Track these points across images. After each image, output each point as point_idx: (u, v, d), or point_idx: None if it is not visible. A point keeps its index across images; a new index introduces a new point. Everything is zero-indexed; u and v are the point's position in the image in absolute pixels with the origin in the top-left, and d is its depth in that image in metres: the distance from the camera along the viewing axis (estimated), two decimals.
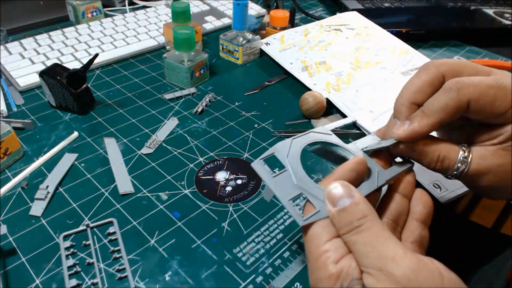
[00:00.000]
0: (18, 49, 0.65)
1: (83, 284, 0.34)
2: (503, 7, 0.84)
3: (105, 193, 0.43)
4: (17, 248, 0.37)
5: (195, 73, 0.60)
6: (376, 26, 0.73)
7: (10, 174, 0.45)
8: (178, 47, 0.58)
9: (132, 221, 0.40)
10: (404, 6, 0.84)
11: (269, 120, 0.55)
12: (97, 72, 0.64)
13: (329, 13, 0.88)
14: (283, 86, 0.63)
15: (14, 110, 0.55)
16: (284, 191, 0.29)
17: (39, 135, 0.50)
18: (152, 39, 0.71)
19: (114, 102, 0.57)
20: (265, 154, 0.31)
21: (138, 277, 0.35)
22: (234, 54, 0.67)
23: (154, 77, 0.63)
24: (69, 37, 0.69)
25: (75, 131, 0.50)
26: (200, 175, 0.45)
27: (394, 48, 0.68)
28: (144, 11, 0.80)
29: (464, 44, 0.76)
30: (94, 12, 0.77)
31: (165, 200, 0.42)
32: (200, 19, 0.80)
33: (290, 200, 0.29)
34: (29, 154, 0.47)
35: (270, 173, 0.30)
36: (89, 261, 0.36)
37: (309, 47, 0.68)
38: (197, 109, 0.56)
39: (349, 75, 0.61)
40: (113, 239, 0.38)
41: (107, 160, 0.47)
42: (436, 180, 0.44)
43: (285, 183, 0.30)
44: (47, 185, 0.43)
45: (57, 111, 0.55)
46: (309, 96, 0.53)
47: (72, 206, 0.41)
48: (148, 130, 0.52)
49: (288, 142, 0.32)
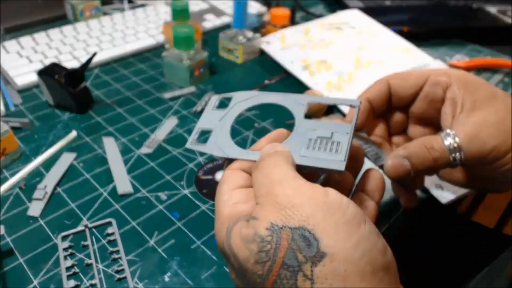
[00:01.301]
0: (16, 48, 0.65)
1: (81, 285, 0.34)
2: (505, 6, 0.83)
3: (103, 193, 0.42)
4: (14, 249, 0.36)
5: (194, 72, 0.60)
6: (378, 24, 0.72)
7: (7, 174, 0.44)
8: (178, 46, 0.57)
9: (131, 221, 0.39)
10: (406, 4, 0.84)
11: (269, 119, 0.54)
12: (95, 71, 0.64)
13: (330, 12, 0.87)
14: (284, 85, 0.62)
15: (12, 109, 0.54)
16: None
17: (37, 134, 0.50)
18: (151, 38, 0.71)
19: (112, 101, 0.57)
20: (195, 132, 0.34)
21: (137, 278, 0.35)
22: (234, 53, 0.67)
23: (153, 76, 0.63)
24: (67, 36, 0.69)
25: (73, 131, 0.50)
26: (200, 175, 0.45)
27: (396, 46, 0.67)
28: (143, 10, 0.79)
29: (466, 43, 0.76)
30: (92, 11, 0.76)
31: (165, 200, 0.42)
32: (199, 18, 0.79)
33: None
34: (27, 154, 0.47)
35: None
36: (87, 262, 0.35)
37: (310, 46, 0.67)
38: (196, 108, 0.55)
39: (350, 74, 0.61)
40: (112, 239, 0.37)
41: (106, 159, 0.47)
42: (438, 181, 0.44)
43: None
44: (45, 185, 0.42)
45: (55, 111, 0.54)
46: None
47: (70, 206, 0.41)
48: (147, 130, 0.52)
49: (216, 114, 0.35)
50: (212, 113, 0.35)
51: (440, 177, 0.40)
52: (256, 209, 0.25)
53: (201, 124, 0.34)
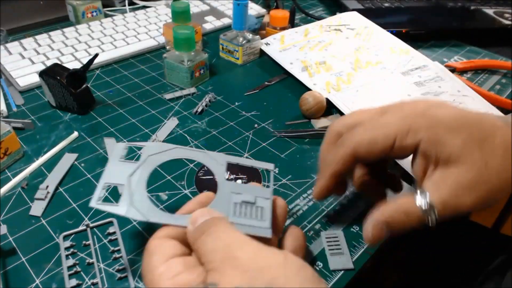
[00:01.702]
0: (18, 49, 0.65)
1: (83, 284, 0.34)
2: (503, 7, 0.84)
3: (105, 193, 0.43)
4: (17, 248, 0.37)
5: (195, 73, 0.60)
6: (376, 26, 0.73)
7: (10, 174, 0.45)
8: (178, 47, 0.58)
9: (132, 221, 0.40)
10: (404, 6, 0.84)
11: (269, 120, 0.55)
12: (97, 72, 0.64)
13: (329, 13, 0.88)
14: (283, 86, 0.63)
15: (14, 110, 0.55)
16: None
17: (39, 135, 0.50)
18: (152, 39, 0.71)
19: (114, 102, 0.57)
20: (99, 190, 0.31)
21: (138, 277, 0.35)
22: (234, 54, 0.67)
23: (154, 77, 0.63)
24: (69, 37, 0.69)
25: (75, 131, 0.50)
26: (200, 175, 0.45)
27: (394, 48, 0.68)
28: (144, 11, 0.80)
29: (464, 44, 0.76)
30: (94, 12, 0.77)
31: (165, 200, 0.42)
32: (200, 19, 0.80)
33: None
34: (29, 154, 0.47)
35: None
36: (89, 261, 0.36)
37: (309, 47, 0.68)
38: (197, 109, 0.56)
39: (349, 75, 0.61)
40: (113, 239, 0.38)
41: (107, 160, 0.47)
42: None
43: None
44: (47, 185, 0.43)
45: (57, 111, 0.55)
46: (309, 96, 0.53)
47: (72, 206, 0.41)
48: (148, 130, 0.52)
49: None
50: (120, 165, 0.32)
51: None
52: (211, 275, 0.24)
53: (107, 179, 0.31)
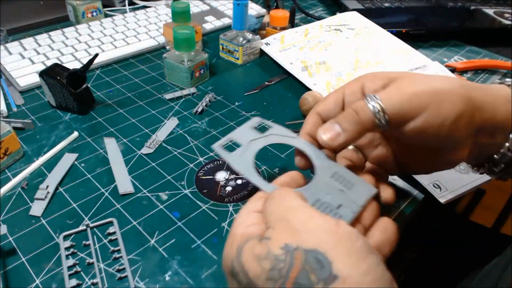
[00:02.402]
0: (18, 49, 0.65)
1: (83, 284, 0.34)
2: (503, 7, 0.84)
3: (105, 193, 0.43)
4: (17, 248, 0.37)
5: (195, 73, 0.60)
6: (376, 26, 0.73)
7: (10, 174, 0.45)
8: (178, 47, 0.58)
9: (132, 221, 0.40)
10: (404, 6, 0.84)
11: (269, 120, 0.54)
12: (97, 72, 0.64)
13: (329, 13, 0.88)
14: (283, 86, 0.63)
15: (14, 110, 0.55)
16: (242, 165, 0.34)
17: (39, 135, 0.50)
18: (152, 39, 0.71)
19: (114, 102, 0.57)
20: (224, 140, 0.36)
21: (138, 277, 0.35)
22: (234, 54, 0.67)
23: (154, 77, 0.63)
24: (69, 37, 0.69)
25: (75, 131, 0.51)
26: (200, 175, 0.45)
27: (394, 48, 0.68)
28: (144, 11, 0.80)
29: (464, 44, 0.76)
30: (94, 12, 0.77)
31: (165, 200, 0.42)
32: (200, 19, 0.80)
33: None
34: (29, 154, 0.47)
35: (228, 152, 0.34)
36: (89, 261, 0.36)
37: (309, 47, 0.68)
38: (197, 109, 0.56)
39: (349, 75, 0.61)
40: (113, 239, 0.38)
41: (107, 160, 0.47)
42: (436, 180, 0.44)
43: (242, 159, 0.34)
44: (47, 185, 0.43)
45: (57, 111, 0.55)
46: (309, 96, 0.53)
47: (72, 206, 0.41)
48: (148, 130, 0.52)
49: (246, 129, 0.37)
50: (248, 131, 0.37)
51: (371, 164, 0.38)
52: (268, 231, 0.26)
53: (234, 136, 0.36)
